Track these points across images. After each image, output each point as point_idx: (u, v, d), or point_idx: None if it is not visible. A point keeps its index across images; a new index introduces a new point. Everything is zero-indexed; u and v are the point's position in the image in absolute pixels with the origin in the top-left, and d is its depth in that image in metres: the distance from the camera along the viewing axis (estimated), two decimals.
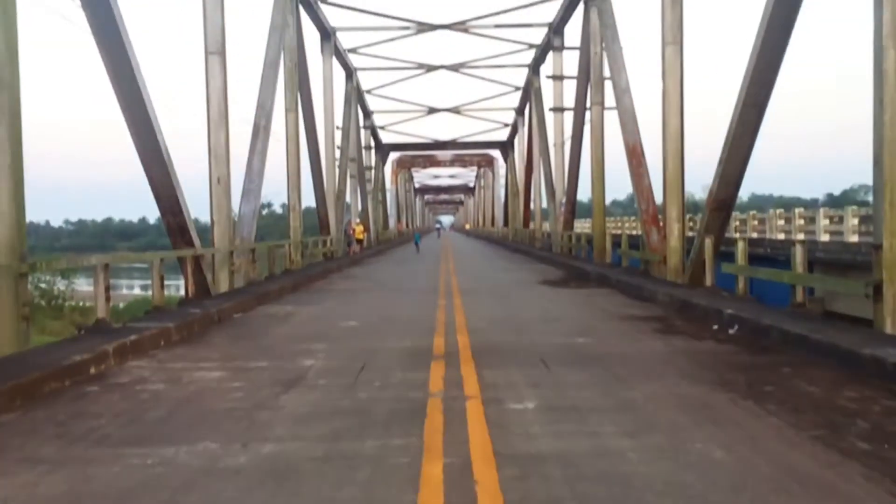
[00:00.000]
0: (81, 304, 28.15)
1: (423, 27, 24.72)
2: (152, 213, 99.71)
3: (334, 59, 26.05)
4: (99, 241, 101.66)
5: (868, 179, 6.65)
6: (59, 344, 6.84)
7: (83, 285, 31.71)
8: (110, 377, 5.87)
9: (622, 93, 16.09)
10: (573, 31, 22.86)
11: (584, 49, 20.06)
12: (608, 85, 17.37)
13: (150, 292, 11.05)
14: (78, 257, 13.90)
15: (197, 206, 12.65)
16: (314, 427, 4.24)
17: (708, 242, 11.07)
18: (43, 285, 29.53)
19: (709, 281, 10.96)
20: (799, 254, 8.51)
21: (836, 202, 74.25)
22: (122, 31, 9.36)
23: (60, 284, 30.98)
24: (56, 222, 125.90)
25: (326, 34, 24.72)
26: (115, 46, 9.40)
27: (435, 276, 17.65)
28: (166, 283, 9.86)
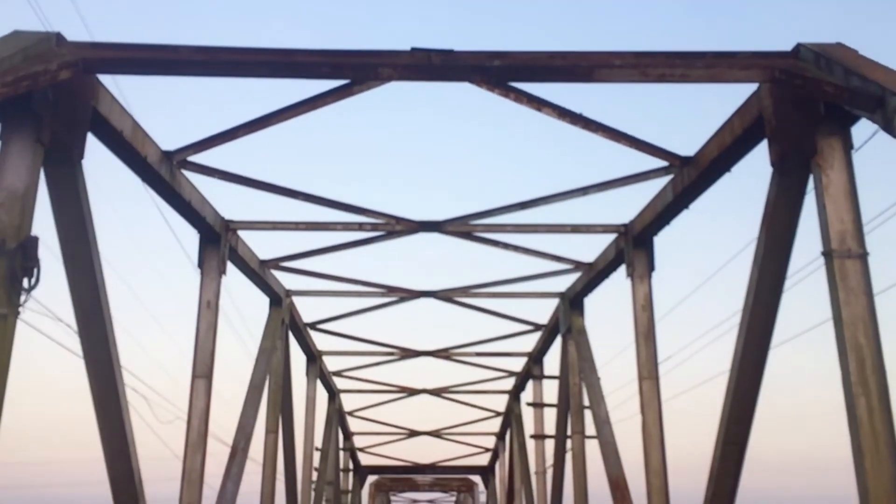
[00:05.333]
0: None
1: (408, 353, 25.48)
2: None
3: (318, 381, 26.40)
4: None
5: None
6: None
7: None
8: None
9: (602, 423, 16.15)
10: (552, 360, 23.55)
11: (563, 378, 20.48)
12: (588, 413, 17.50)
13: None
14: None
15: None
16: None
17: None
18: None
19: None
20: None
21: None
22: (115, 355, 9.54)
23: None
24: None
25: (313, 357, 25.30)
26: (104, 368, 9.52)
27: None
28: None
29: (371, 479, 53.61)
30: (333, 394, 32.00)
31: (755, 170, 8.10)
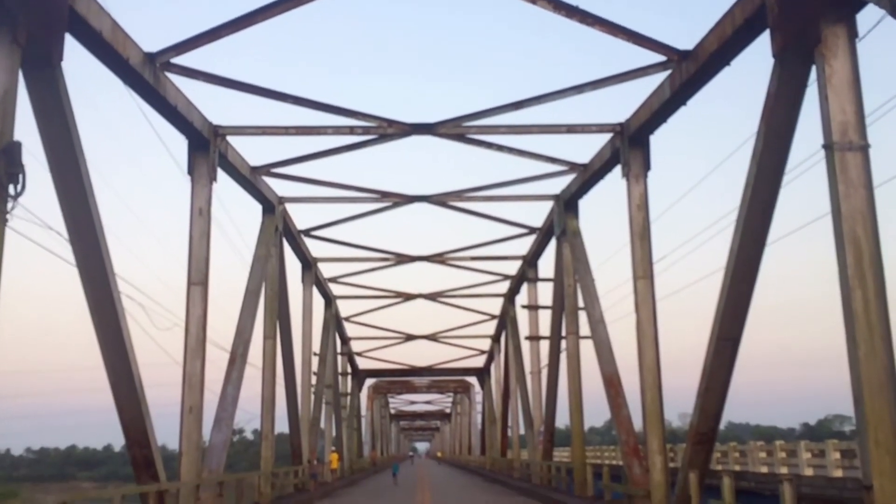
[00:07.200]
0: None
1: (403, 259, 25.55)
2: (118, 440, 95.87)
3: (314, 288, 26.54)
4: (59, 470, 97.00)
5: (842, 409, 6.65)
6: None
7: None
8: None
9: (596, 323, 16.37)
10: (547, 263, 23.69)
11: (558, 281, 20.65)
12: (583, 315, 17.69)
13: None
14: (35, 498, 13.21)
15: (163, 432, 12.25)
16: None
17: (693, 478, 10.76)
18: None
19: None
20: (787, 491, 8.28)
21: (814, 433, 73.58)
22: (108, 262, 9.51)
23: None
24: (17, 450, 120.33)
25: (308, 264, 25.39)
26: (98, 277, 9.50)
27: None
28: None
29: (369, 382, 54.96)
30: (330, 300, 32.28)
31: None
